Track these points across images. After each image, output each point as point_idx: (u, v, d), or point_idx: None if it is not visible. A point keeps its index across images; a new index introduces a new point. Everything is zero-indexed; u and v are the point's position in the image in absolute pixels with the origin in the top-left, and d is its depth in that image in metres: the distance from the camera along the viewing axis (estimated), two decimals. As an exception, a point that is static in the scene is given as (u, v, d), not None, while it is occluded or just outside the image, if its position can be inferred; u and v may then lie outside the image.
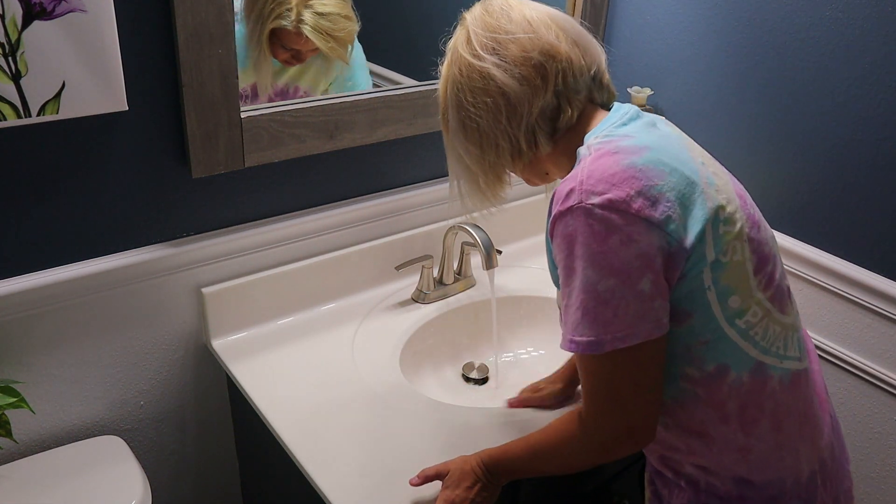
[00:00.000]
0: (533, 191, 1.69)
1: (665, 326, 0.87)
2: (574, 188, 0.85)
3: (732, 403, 0.91)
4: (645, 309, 0.84)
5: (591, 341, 0.85)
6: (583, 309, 0.85)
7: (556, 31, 0.94)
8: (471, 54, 0.95)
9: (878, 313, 1.34)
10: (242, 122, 1.21)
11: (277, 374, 1.25)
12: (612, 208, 0.83)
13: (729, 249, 0.88)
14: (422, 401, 1.21)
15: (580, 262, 0.85)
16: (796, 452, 0.94)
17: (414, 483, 1.02)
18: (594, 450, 0.92)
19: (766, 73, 1.42)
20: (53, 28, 0.99)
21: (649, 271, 0.84)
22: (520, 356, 1.49)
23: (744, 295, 0.89)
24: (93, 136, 1.12)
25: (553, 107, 0.94)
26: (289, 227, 1.35)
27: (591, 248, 0.84)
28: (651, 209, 0.83)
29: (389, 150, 1.45)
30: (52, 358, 1.19)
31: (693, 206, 0.86)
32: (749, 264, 0.90)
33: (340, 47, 1.35)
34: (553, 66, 0.93)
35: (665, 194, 0.84)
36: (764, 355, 0.91)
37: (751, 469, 0.93)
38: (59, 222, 1.14)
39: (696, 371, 0.91)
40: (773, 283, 0.93)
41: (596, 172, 0.85)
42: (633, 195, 0.83)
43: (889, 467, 1.41)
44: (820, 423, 0.98)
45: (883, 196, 1.30)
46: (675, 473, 0.98)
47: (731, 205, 0.89)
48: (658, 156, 0.87)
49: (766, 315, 0.91)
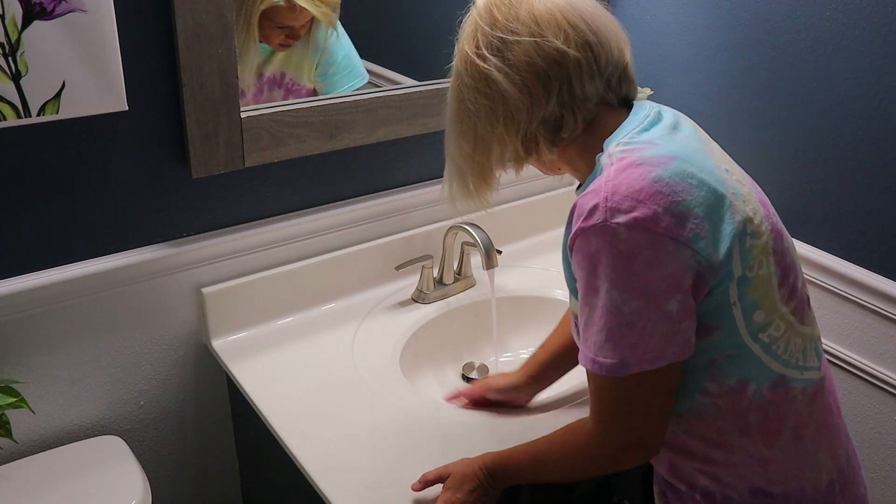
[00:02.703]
0: (532, 191, 1.69)
1: (692, 346, 0.84)
2: (598, 204, 0.81)
3: (754, 415, 0.89)
4: (673, 331, 0.81)
5: (615, 364, 0.82)
6: (607, 331, 0.82)
7: (567, 30, 0.87)
8: (475, 53, 0.90)
9: (878, 313, 1.34)
10: (242, 122, 1.21)
11: (277, 374, 1.25)
12: (638, 228, 0.79)
13: (755, 264, 0.85)
14: (422, 401, 1.21)
15: (604, 284, 0.81)
16: (815, 461, 0.92)
17: (415, 488, 1.02)
18: (599, 462, 0.91)
19: (766, 73, 1.41)
20: (53, 28, 0.99)
21: (677, 292, 0.80)
22: (520, 356, 1.48)
23: (768, 309, 0.87)
24: (93, 137, 1.12)
25: (556, 117, 0.89)
26: (289, 227, 1.35)
27: (617, 270, 0.80)
28: (679, 227, 0.80)
29: (389, 150, 1.45)
30: (52, 358, 1.19)
31: (722, 222, 0.83)
32: (774, 278, 0.87)
33: (332, 12, 1.36)
34: (558, 75, 0.87)
35: (693, 210, 0.81)
36: (785, 368, 0.89)
37: (770, 480, 0.91)
38: (60, 222, 1.14)
39: (716, 386, 0.88)
40: (795, 294, 0.90)
41: (621, 188, 0.81)
42: (660, 213, 0.79)
43: (889, 467, 1.41)
44: (837, 431, 0.96)
45: (883, 196, 1.30)
46: (688, 486, 0.95)
47: (757, 216, 0.86)
48: (684, 167, 0.83)
49: (788, 328, 0.89)
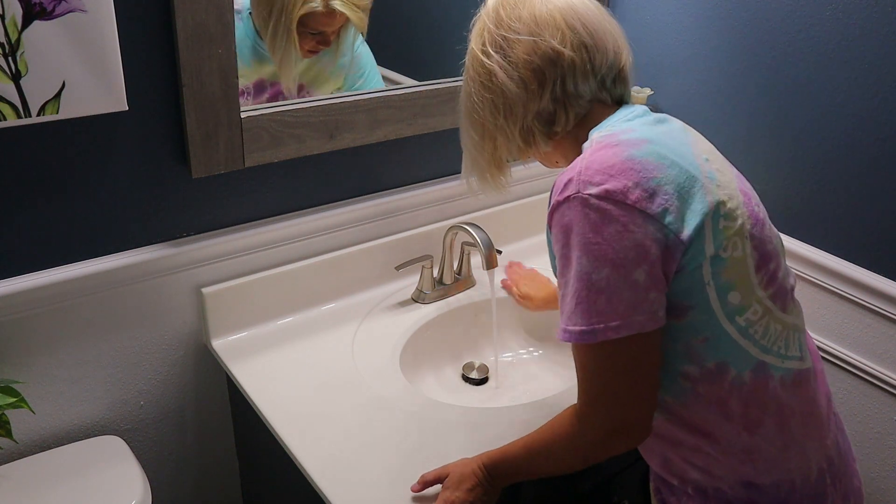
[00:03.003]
0: (532, 191, 1.70)
1: (660, 320, 0.86)
2: (572, 178, 0.86)
3: (735, 402, 0.91)
4: (639, 299, 0.84)
5: (584, 330, 0.85)
6: (576, 298, 0.86)
7: (565, 31, 0.93)
8: (481, 50, 0.97)
9: (878, 313, 1.34)
10: (242, 122, 1.21)
11: (277, 374, 1.25)
12: (608, 199, 0.83)
13: (729, 245, 0.87)
14: (422, 401, 1.21)
15: (575, 252, 0.85)
16: (803, 451, 0.94)
17: (415, 489, 1.02)
18: (589, 445, 0.92)
19: (765, 73, 1.42)
20: (53, 28, 0.99)
21: (644, 262, 0.84)
22: (520, 356, 1.49)
23: (744, 292, 0.89)
24: (93, 136, 1.12)
25: (549, 112, 0.96)
26: (289, 227, 1.35)
27: (587, 237, 0.84)
28: (648, 201, 0.84)
29: (389, 150, 1.45)
30: (52, 358, 1.19)
31: (692, 200, 0.86)
32: (750, 261, 0.89)
33: (366, 16, 1.36)
34: (552, 73, 0.93)
35: (663, 187, 0.85)
36: (765, 354, 0.91)
37: (758, 471, 0.92)
38: (60, 222, 1.14)
39: (695, 369, 0.90)
40: (775, 281, 0.93)
41: (594, 163, 0.86)
42: (630, 186, 0.84)
43: (889, 467, 1.41)
44: (825, 422, 0.98)
45: (882, 196, 1.30)
46: (681, 481, 0.97)
47: (732, 201, 0.89)
48: (658, 149, 0.88)
49: (766, 313, 0.91)
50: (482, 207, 1.61)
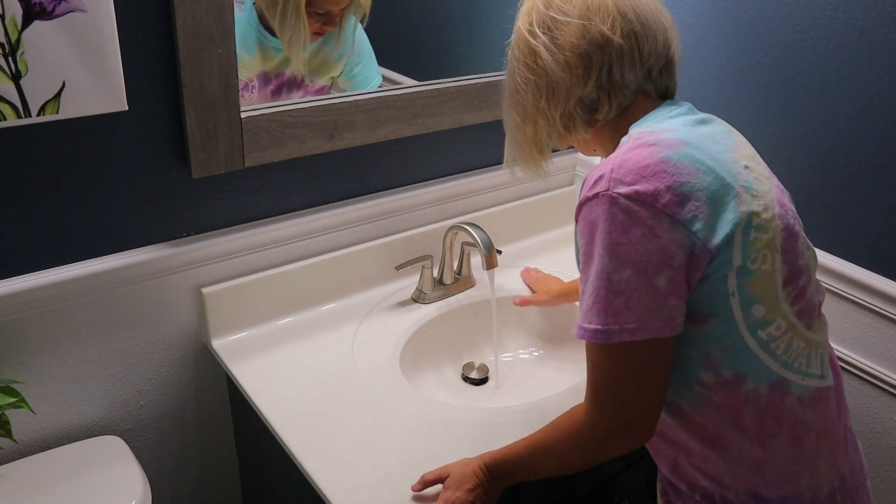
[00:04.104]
0: (533, 191, 1.70)
1: (678, 327, 0.85)
2: (604, 175, 0.85)
3: (749, 413, 0.89)
4: (658, 305, 0.83)
5: (599, 329, 0.85)
6: (595, 296, 0.85)
7: (615, 17, 0.91)
8: (527, 30, 0.95)
9: (878, 313, 1.34)
10: (242, 122, 1.21)
11: (277, 374, 1.25)
12: (637, 200, 0.82)
13: (759, 257, 0.85)
14: (422, 401, 1.21)
15: (598, 250, 0.84)
16: (815, 469, 0.92)
17: (415, 489, 1.02)
18: (592, 445, 0.91)
19: (765, 72, 1.41)
20: (53, 28, 0.99)
21: (667, 268, 0.82)
22: (520, 356, 1.49)
23: (769, 306, 0.87)
24: (93, 137, 1.12)
25: (592, 98, 0.94)
26: (288, 227, 1.35)
27: (612, 237, 0.83)
28: (678, 206, 0.82)
29: (389, 150, 1.45)
30: (52, 358, 1.19)
31: (724, 209, 0.84)
32: (779, 275, 0.87)
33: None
34: (599, 59, 0.91)
35: (696, 193, 0.83)
36: (785, 370, 0.89)
37: (767, 484, 0.91)
38: (60, 222, 1.14)
39: (711, 377, 0.89)
40: (803, 297, 0.90)
41: (628, 162, 0.84)
42: (661, 189, 0.82)
43: (889, 467, 1.41)
44: (841, 440, 0.96)
45: (882, 196, 1.30)
46: (689, 486, 0.96)
47: (767, 212, 0.87)
48: (695, 153, 0.86)
49: (790, 329, 0.89)
50: (482, 207, 1.61)
